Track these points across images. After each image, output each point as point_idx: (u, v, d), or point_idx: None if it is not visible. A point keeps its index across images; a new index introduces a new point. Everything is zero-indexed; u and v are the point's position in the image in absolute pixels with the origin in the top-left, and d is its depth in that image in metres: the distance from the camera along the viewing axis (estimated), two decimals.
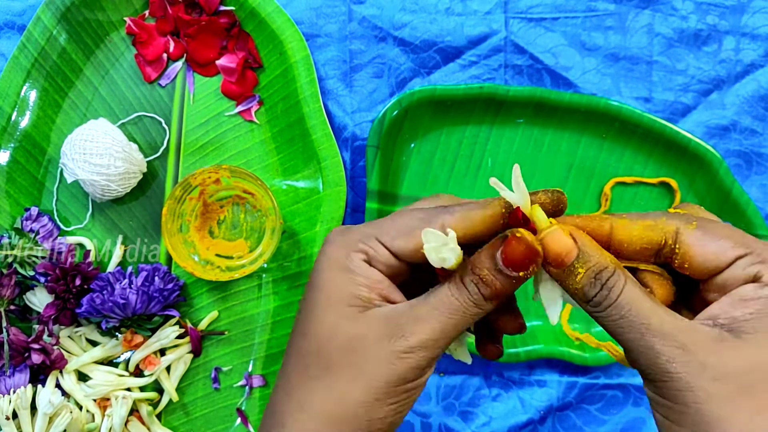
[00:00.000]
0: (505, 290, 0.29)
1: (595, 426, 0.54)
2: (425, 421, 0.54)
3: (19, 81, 0.52)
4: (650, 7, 0.54)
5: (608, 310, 0.28)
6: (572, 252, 0.28)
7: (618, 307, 0.27)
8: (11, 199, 0.52)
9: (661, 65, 0.54)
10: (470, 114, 0.53)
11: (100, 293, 0.49)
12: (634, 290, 0.28)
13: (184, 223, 0.51)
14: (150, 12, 0.54)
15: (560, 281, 0.29)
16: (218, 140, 0.54)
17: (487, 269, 0.28)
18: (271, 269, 0.53)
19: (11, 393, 0.49)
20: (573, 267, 0.28)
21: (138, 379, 0.51)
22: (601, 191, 0.54)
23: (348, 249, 0.31)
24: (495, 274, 0.28)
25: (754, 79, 0.54)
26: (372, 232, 0.31)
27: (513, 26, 0.53)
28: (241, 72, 0.53)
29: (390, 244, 0.30)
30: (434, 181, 0.54)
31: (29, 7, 0.53)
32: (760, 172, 0.54)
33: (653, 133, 0.53)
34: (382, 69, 0.54)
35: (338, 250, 0.31)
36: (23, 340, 0.50)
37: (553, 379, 0.54)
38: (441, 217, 0.30)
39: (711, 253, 0.28)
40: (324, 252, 0.31)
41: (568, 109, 0.53)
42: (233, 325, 0.53)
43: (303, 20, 0.54)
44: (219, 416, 0.53)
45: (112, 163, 0.49)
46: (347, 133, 0.54)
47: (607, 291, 0.27)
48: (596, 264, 0.28)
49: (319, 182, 0.52)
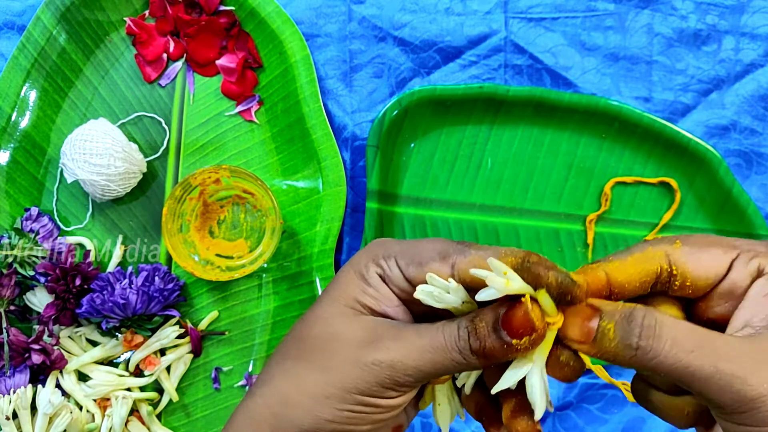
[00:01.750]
0: (493, 352, 0.27)
1: (597, 425, 0.54)
2: (425, 421, 0.54)
3: (19, 81, 0.52)
4: (650, 7, 0.54)
5: (665, 351, 0.25)
6: (594, 317, 0.27)
7: (677, 343, 0.25)
8: (11, 199, 0.52)
9: (660, 65, 0.54)
10: (470, 114, 0.54)
11: (100, 293, 0.49)
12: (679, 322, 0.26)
13: (184, 223, 0.51)
14: (150, 12, 0.54)
15: (597, 354, 0.27)
16: (218, 140, 0.54)
17: (485, 322, 0.27)
18: (271, 269, 0.53)
19: (11, 393, 0.49)
20: (600, 328, 0.26)
21: (138, 379, 0.51)
22: (601, 191, 0.54)
23: (369, 260, 0.31)
24: (489, 330, 0.27)
25: (754, 79, 0.54)
26: (394, 252, 0.30)
27: (513, 26, 0.53)
28: (241, 72, 0.53)
29: (404, 269, 0.30)
30: (434, 181, 0.54)
31: (29, 7, 0.53)
32: (760, 172, 0.54)
33: (653, 132, 0.53)
34: (382, 69, 0.54)
35: (363, 257, 0.31)
36: (23, 341, 0.50)
37: (553, 379, 0.54)
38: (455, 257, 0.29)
39: (707, 263, 0.28)
40: (355, 255, 0.32)
41: (568, 109, 0.53)
42: (233, 325, 0.53)
43: (303, 20, 0.54)
44: (219, 416, 0.53)
45: (112, 163, 0.49)
46: (347, 133, 0.54)
47: (651, 330, 0.26)
48: (622, 311, 0.27)
49: (319, 182, 0.52)
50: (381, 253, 0.30)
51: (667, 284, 0.28)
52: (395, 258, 0.30)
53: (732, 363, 0.25)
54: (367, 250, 0.31)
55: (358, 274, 0.30)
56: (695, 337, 0.25)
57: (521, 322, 0.26)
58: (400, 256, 0.30)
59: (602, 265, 0.28)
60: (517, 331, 0.27)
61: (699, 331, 0.26)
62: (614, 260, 0.28)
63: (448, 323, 0.28)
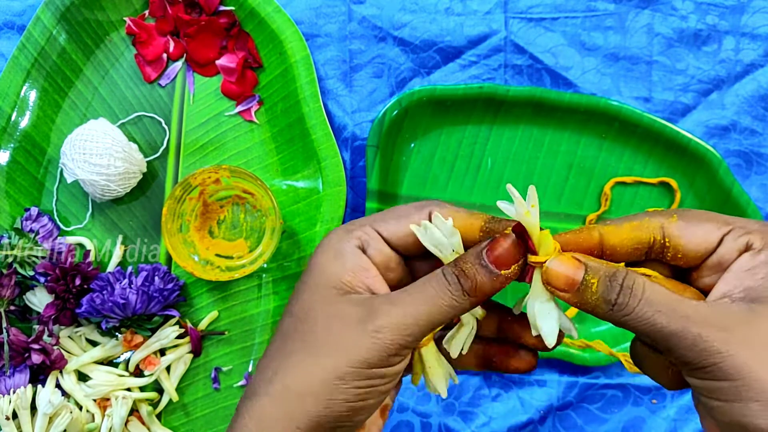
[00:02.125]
0: (484, 287, 0.29)
1: (596, 425, 0.54)
2: (425, 421, 0.54)
3: (19, 81, 0.52)
4: (650, 7, 0.54)
5: (638, 309, 0.28)
6: (579, 269, 0.29)
7: (649, 303, 0.28)
8: (11, 199, 0.52)
9: (660, 65, 0.54)
10: (470, 114, 0.54)
11: (100, 293, 0.49)
12: (655, 285, 0.28)
13: (184, 223, 0.51)
14: (150, 12, 0.54)
15: (577, 303, 0.29)
16: (218, 140, 0.54)
17: (470, 263, 0.29)
18: (271, 269, 0.53)
19: (11, 393, 0.49)
20: (585, 281, 0.28)
21: (138, 379, 0.51)
22: (601, 191, 0.54)
23: (344, 236, 0.32)
24: (477, 268, 0.29)
25: (754, 79, 0.54)
26: (367, 221, 0.32)
27: (513, 26, 0.53)
28: (240, 72, 0.53)
29: (383, 230, 0.31)
30: (434, 181, 0.54)
31: (29, 7, 0.53)
32: (760, 172, 0.54)
33: (653, 132, 0.53)
34: (382, 69, 0.54)
35: (335, 236, 0.32)
36: (23, 341, 0.50)
37: (552, 379, 0.54)
38: (430, 207, 0.31)
39: (699, 237, 0.29)
40: (322, 242, 0.32)
41: (568, 109, 0.53)
42: (233, 325, 0.53)
43: (303, 20, 0.54)
44: (219, 416, 0.53)
45: (112, 163, 0.49)
46: (347, 133, 0.54)
47: (629, 290, 0.28)
48: (606, 269, 0.29)
49: (318, 182, 0.52)
50: (353, 227, 0.32)
51: (661, 254, 0.30)
52: (370, 224, 0.31)
53: (698, 325, 0.27)
54: (334, 231, 0.32)
55: (333, 255, 0.31)
56: (667, 300, 0.28)
57: (510, 250, 0.29)
58: (375, 221, 0.32)
59: (598, 227, 0.30)
60: (507, 259, 0.29)
61: (672, 296, 0.28)
62: (610, 224, 0.30)
63: (432, 275, 0.30)
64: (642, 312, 0.28)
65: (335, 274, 0.31)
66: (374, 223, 0.32)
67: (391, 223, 0.31)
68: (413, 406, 0.54)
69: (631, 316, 0.28)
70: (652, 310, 0.27)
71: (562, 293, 0.29)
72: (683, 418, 0.54)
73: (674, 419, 0.54)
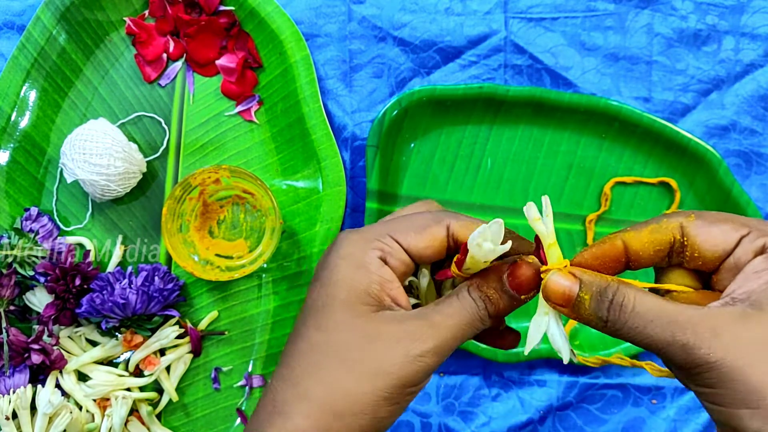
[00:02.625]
0: (506, 310, 0.31)
1: (596, 425, 0.54)
2: (425, 421, 0.54)
3: (19, 81, 0.52)
4: (650, 7, 0.54)
5: (629, 323, 0.28)
6: (575, 285, 0.29)
7: (639, 316, 0.28)
8: (11, 199, 0.52)
9: (660, 65, 0.54)
10: (470, 114, 0.54)
11: (100, 293, 0.49)
12: (647, 297, 0.29)
13: (184, 223, 0.51)
14: (150, 12, 0.54)
15: (576, 318, 0.30)
16: (218, 140, 0.54)
17: (494, 289, 0.31)
18: (271, 269, 0.53)
19: (11, 393, 0.49)
20: (579, 298, 0.29)
21: (138, 379, 0.51)
22: (601, 191, 0.54)
23: (365, 246, 0.32)
24: (501, 294, 0.31)
25: (754, 79, 0.54)
26: (386, 230, 0.33)
27: (513, 26, 0.53)
28: (240, 72, 0.53)
29: (403, 241, 0.32)
30: (434, 181, 0.54)
31: (29, 7, 0.53)
32: (760, 172, 0.54)
33: (653, 132, 0.53)
34: (382, 69, 0.54)
35: (355, 247, 0.32)
36: (23, 341, 0.50)
37: (552, 379, 0.54)
38: (448, 220, 0.32)
39: (716, 237, 0.30)
40: (339, 249, 0.32)
41: (568, 109, 0.53)
42: (233, 325, 0.53)
43: (303, 20, 0.54)
44: (219, 416, 0.53)
45: (111, 163, 0.49)
46: (347, 133, 0.54)
47: (618, 305, 0.29)
48: (597, 285, 0.29)
49: (318, 182, 0.52)
50: (373, 237, 0.32)
51: (681, 255, 0.31)
52: (390, 235, 0.32)
53: (687, 333, 0.27)
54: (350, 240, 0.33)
55: (357, 266, 0.31)
56: (659, 311, 0.28)
57: (528, 279, 0.31)
58: (395, 231, 0.32)
59: (620, 234, 0.31)
60: (529, 286, 0.31)
61: (664, 306, 0.28)
62: (630, 230, 0.31)
63: (462, 299, 0.31)
64: (633, 325, 0.28)
65: (363, 287, 0.31)
66: (394, 234, 0.32)
67: (412, 234, 0.32)
68: (413, 406, 0.54)
69: (624, 330, 0.29)
70: (643, 323, 0.28)
71: (560, 308, 0.30)
72: (683, 419, 0.54)
73: (674, 419, 0.54)
